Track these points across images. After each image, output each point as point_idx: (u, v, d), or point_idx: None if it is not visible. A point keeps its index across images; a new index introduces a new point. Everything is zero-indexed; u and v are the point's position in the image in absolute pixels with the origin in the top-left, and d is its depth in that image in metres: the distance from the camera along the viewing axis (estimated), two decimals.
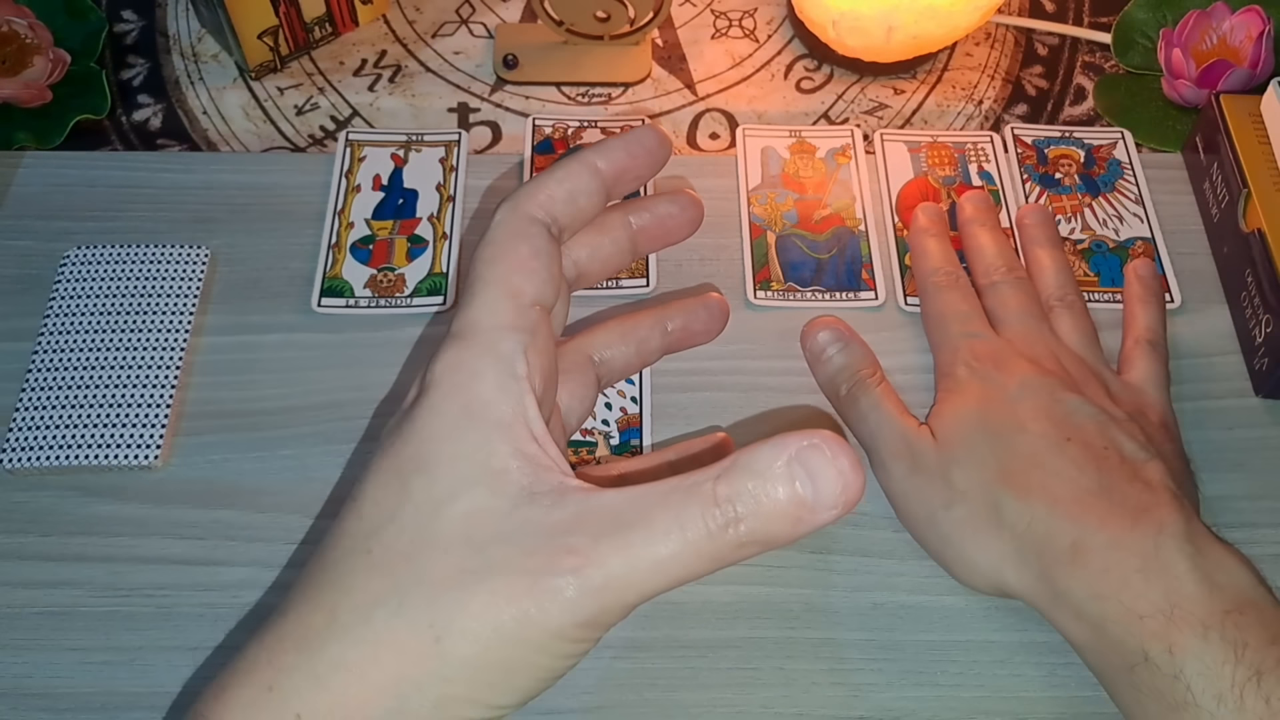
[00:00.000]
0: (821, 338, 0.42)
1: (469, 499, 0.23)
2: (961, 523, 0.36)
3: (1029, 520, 0.35)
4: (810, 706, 0.36)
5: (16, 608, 0.38)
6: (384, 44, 0.56)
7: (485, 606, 0.22)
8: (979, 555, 0.36)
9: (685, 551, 0.22)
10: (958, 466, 0.37)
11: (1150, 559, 0.33)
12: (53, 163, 0.49)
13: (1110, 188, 0.49)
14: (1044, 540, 0.34)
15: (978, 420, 0.38)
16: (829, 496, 0.22)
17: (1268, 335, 0.42)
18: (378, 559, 0.23)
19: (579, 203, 0.27)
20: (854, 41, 0.52)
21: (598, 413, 0.42)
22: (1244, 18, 0.50)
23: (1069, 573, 0.34)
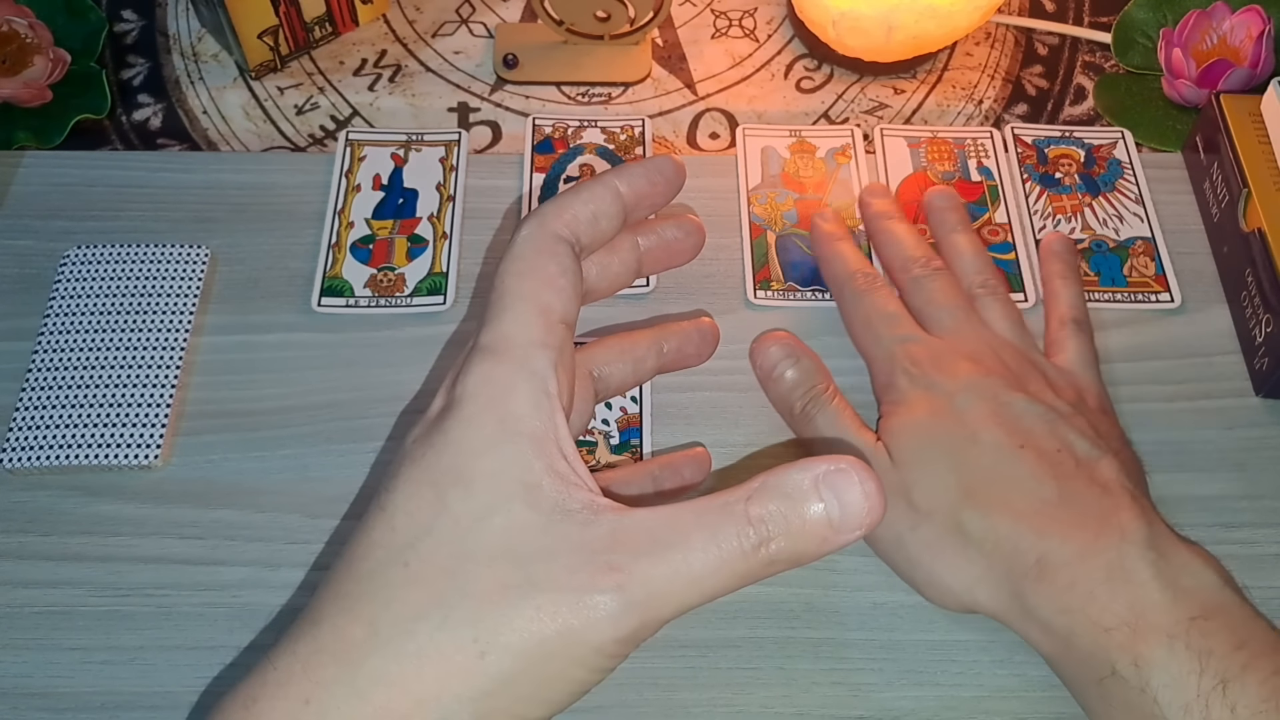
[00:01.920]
0: (772, 353, 0.41)
1: (507, 513, 0.24)
2: (928, 544, 0.35)
3: (995, 538, 0.34)
4: (810, 706, 0.36)
5: (16, 607, 0.38)
6: (384, 44, 0.56)
7: (530, 621, 0.23)
8: (949, 577, 0.35)
9: (720, 569, 0.23)
10: (917, 487, 0.36)
11: (1114, 569, 0.32)
12: (53, 162, 0.49)
13: (1110, 187, 0.49)
14: (1010, 557, 0.34)
15: (929, 435, 0.37)
16: (855, 518, 0.24)
17: (1268, 335, 0.42)
18: (416, 571, 0.24)
19: (601, 224, 0.28)
20: (854, 41, 0.52)
21: (598, 412, 0.41)
22: (1244, 17, 0.50)
23: (1036, 589, 0.33)
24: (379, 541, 0.24)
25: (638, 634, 0.24)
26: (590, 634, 0.23)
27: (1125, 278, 0.46)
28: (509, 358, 0.25)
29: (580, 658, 0.23)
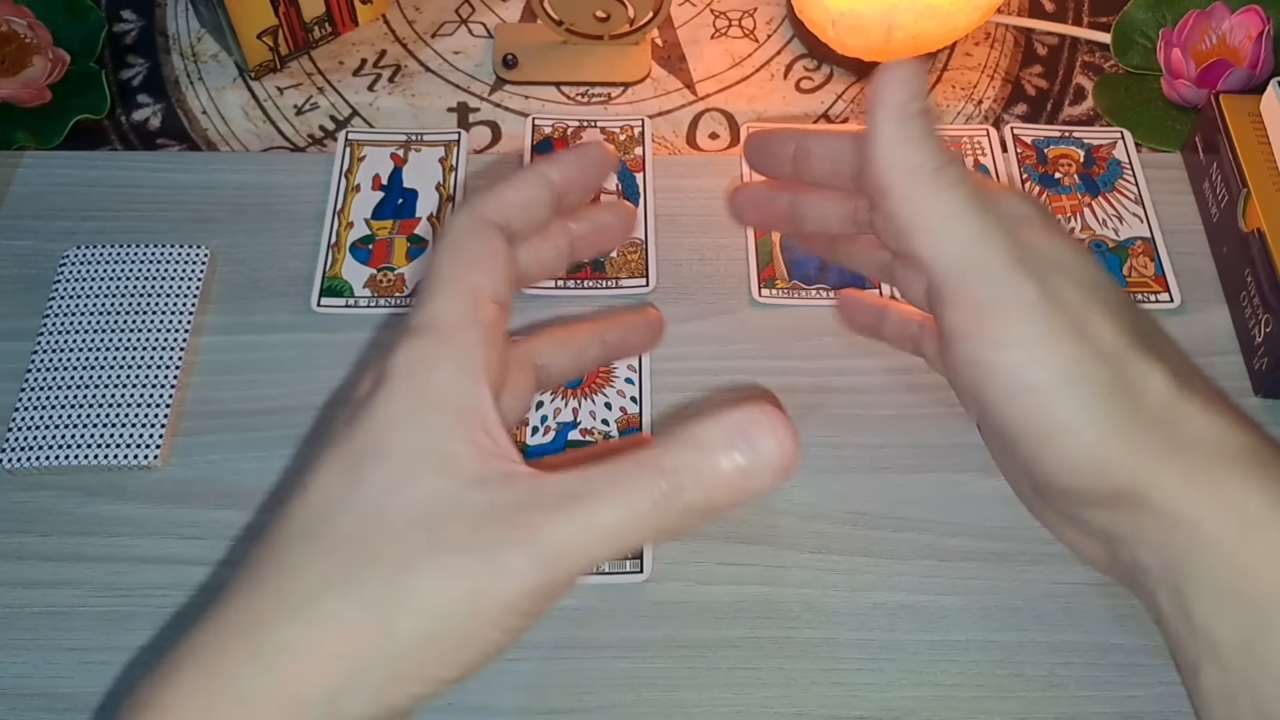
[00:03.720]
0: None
1: (420, 482, 0.24)
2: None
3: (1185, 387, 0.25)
4: (809, 706, 0.36)
5: (16, 607, 0.38)
6: (384, 44, 0.56)
7: (437, 583, 0.23)
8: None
9: (632, 520, 0.23)
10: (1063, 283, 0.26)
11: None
12: (52, 162, 0.49)
13: (1110, 187, 0.49)
14: (1197, 410, 0.25)
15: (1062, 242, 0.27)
16: (768, 467, 0.23)
17: (1267, 335, 0.42)
18: (326, 544, 0.24)
19: (532, 210, 0.28)
20: (853, 41, 0.52)
21: (597, 413, 0.42)
22: (1243, 17, 0.50)
23: (1240, 472, 0.25)
24: (294, 518, 0.25)
25: (549, 590, 0.23)
26: (499, 593, 0.23)
27: (1125, 278, 0.46)
28: (435, 336, 0.25)
29: (492, 617, 0.23)
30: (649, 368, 0.43)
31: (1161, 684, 0.36)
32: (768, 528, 0.39)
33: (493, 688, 0.36)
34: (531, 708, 0.36)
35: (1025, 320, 0.25)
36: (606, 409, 0.42)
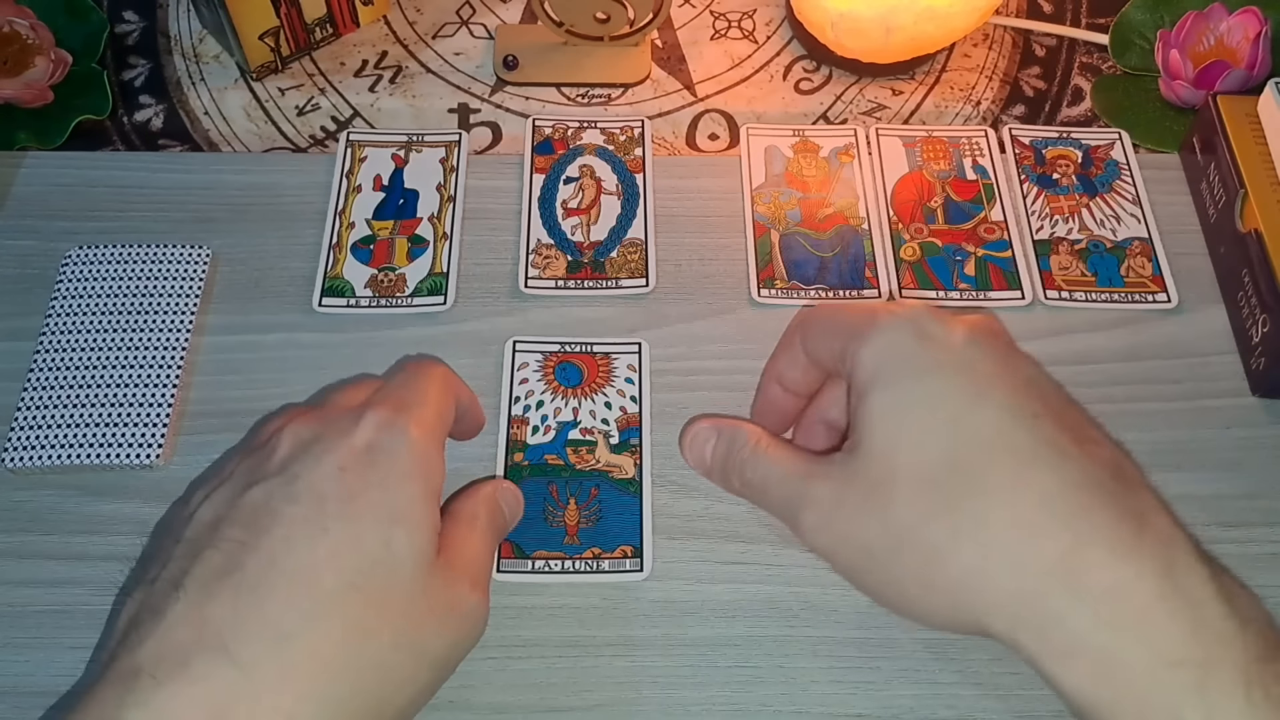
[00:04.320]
0: (693, 456, 0.37)
1: (416, 552, 0.31)
2: (913, 545, 0.29)
3: (1006, 522, 0.28)
4: (808, 704, 0.36)
5: (18, 606, 0.38)
6: (385, 45, 0.56)
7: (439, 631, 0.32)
8: (945, 580, 0.28)
9: (493, 538, 0.36)
10: (899, 475, 0.29)
11: (1167, 584, 0.26)
12: (54, 163, 0.50)
13: (1108, 188, 0.49)
14: (1028, 548, 0.27)
15: (920, 400, 0.30)
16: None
17: (1264, 335, 0.42)
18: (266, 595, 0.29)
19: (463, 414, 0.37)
20: (852, 42, 0.52)
21: (597, 412, 0.42)
22: (1241, 18, 0.50)
23: (1062, 592, 0.27)
24: (233, 567, 0.29)
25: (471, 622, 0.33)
26: (463, 626, 0.32)
27: (1122, 278, 0.46)
28: (432, 433, 0.34)
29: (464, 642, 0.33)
30: (648, 367, 0.43)
31: None
32: (767, 526, 0.40)
33: (493, 686, 0.36)
34: (531, 706, 0.36)
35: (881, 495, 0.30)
36: (606, 408, 0.42)
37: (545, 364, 0.43)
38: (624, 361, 0.43)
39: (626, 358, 0.43)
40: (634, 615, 0.38)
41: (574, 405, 0.42)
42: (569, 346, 0.43)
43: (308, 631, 0.28)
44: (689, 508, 0.40)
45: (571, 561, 0.38)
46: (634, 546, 0.39)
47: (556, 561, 0.38)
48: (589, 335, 0.44)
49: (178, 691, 0.26)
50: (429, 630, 0.30)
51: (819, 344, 0.34)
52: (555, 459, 0.41)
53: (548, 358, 0.43)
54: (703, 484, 0.40)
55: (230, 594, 0.28)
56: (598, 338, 0.44)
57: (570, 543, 0.39)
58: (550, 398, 0.42)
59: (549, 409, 0.42)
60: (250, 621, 0.27)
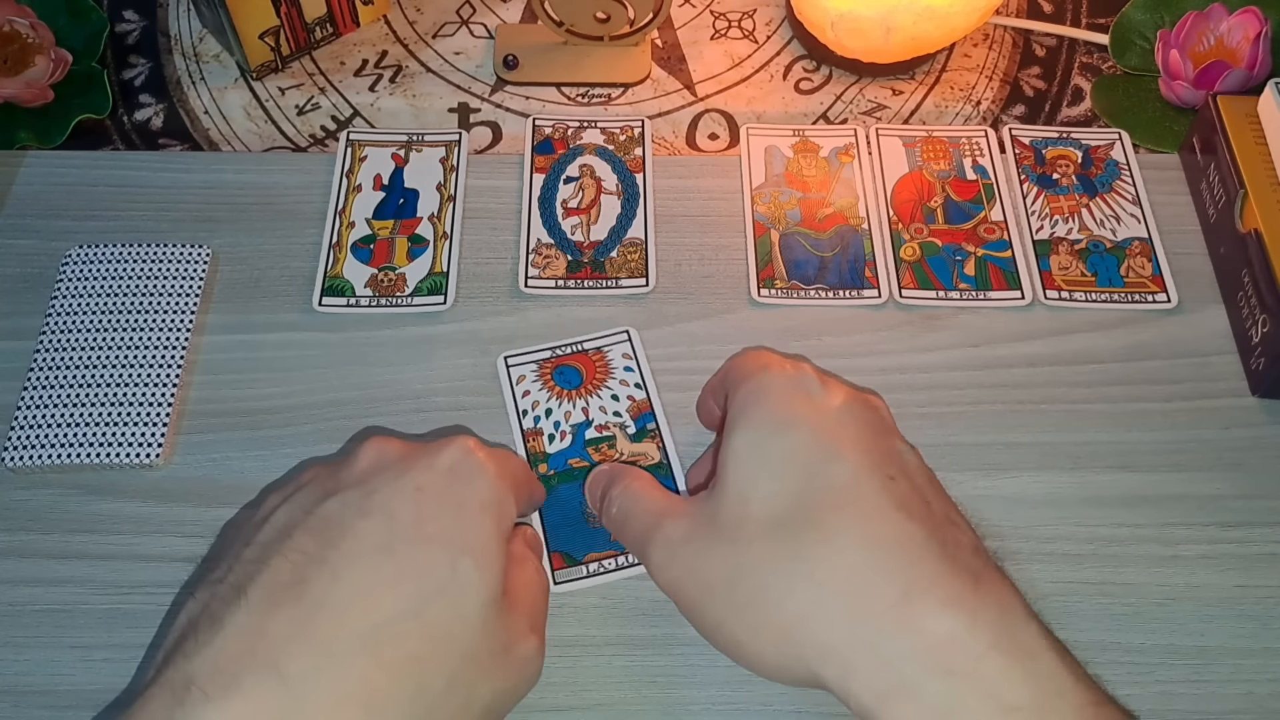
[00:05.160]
0: (590, 495, 0.38)
1: (455, 585, 0.30)
2: (754, 579, 0.29)
3: (848, 566, 0.28)
4: (808, 704, 0.36)
5: (18, 605, 0.38)
6: (385, 44, 0.56)
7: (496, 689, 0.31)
8: (780, 618, 0.29)
9: (544, 591, 0.35)
10: (750, 511, 0.30)
11: (1004, 633, 0.27)
12: (54, 162, 0.50)
13: (1107, 188, 0.49)
14: (867, 588, 0.28)
15: (782, 444, 0.31)
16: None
17: (1264, 335, 0.42)
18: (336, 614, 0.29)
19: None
20: (852, 42, 0.52)
21: (607, 407, 0.42)
22: (1241, 19, 0.50)
23: (900, 634, 0.27)
24: (303, 584, 0.29)
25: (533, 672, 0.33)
26: (522, 677, 0.32)
27: (1122, 278, 0.46)
28: (506, 475, 0.33)
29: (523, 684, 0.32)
30: (643, 352, 0.43)
31: (1159, 683, 0.36)
32: None
33: None
34: (531, 705, 0.36)
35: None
36: (615, 401, 0.42)
37: (542, 372, 0.42)
38: (618, 352, 0.43)
39: (619, 348, 0.43)
40: (634, 614, 0.38)
41: (582, 405, 0.42)
42: (559, 350, 0.43)
43: (360, 655, 0.27)
44: None
45: (625, 557, 0.38)
46: None
47: (609, 560, 0.38)
48: (582, 334, 0.44)
49: (226, 708, 0.25)
50: (483, 672, 0.29)
51: (718, 385, 0.37)
52: (579, 462, 0.40)
53: (542, 365, 0.43)
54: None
55: (291, 607, 0.27)
56: (584, 335, 0.44)
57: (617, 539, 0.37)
58: (557, 403, 0.42)
59: (559, 414, 0.42)
60: (305, 638, 0.27)
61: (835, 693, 0.28)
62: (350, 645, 0.27)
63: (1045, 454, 0.41)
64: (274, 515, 0.30)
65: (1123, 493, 0.40)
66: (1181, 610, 0.38)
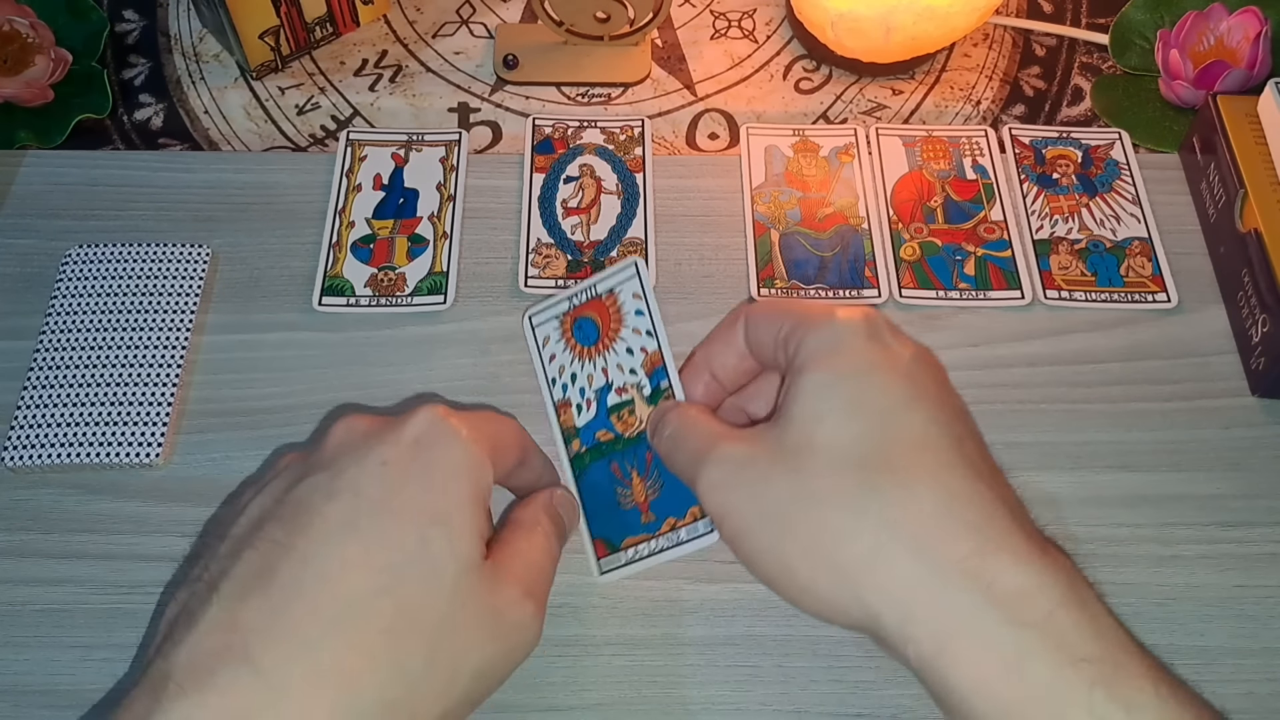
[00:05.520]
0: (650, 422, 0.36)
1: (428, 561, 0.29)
2: (822, 520, 0.28)
3: (922, 512, 0.28)
4: (808, 704, 0.36)
5: (18, 605, 0.38)
6: (385, 44, 0.56)
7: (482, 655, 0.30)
8: (844, 557, 0.28)
9: (554, 557, 0.34)
10: (823, 452, 0.29)
11: (1069, 597, 0.27)
12: (54, 162, 0.50)
13: (1107, 188, 0.49)
14: (939, 537, 0.27)
15: (860, 388, 0.30)
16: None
17: (1264, 335, 0.42)
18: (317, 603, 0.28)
19: (524, 470, 0.36)
20: (852, 42, 0.52)
21: (624, 364, 0.38)
22: (1241, 19, 0.50)
23: (969, 584, 0.26)
24: (277, 571, 0.28)
25: (536, 629, 0.32)
26: (517, 642, 0.31)
27: (1122, 278, 0.46)
28: (480, 444, 0.32)
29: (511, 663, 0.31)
30: (651, 291, 0.38)
31: None
32: None
33: None
34: (531, 704, 0.36)
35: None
36: (629, 354, 0.38)
37: (564, 328, 0.39)
38: (628, 291, 0.38)
39: (629, 286, 0.39)
40: (634, 614, 0.38)
41: (601, 365, 0.38)
42: (576, 299, 0.39)
43: (333, 638, 0.27)
44: None
45: (655, 541, 0.35)
46: (699, 506, 0.35)
47: (644, 545, 0.36)
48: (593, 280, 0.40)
49: (201, 703, 0.25)
50: (469, 641, 0.29)
51: (763, 329, 0.33)
52: (606, 434, 0.37)
53: (564, 320, 0.39)
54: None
55: (260, 598, 0.27)
56: (596, 279, 0.39)
57: (648, 521, 0.36)
58: (580, 366, 0.38)
59: (582, 379, 0.38)
60: (277, 628, 0.27)
61: (888, 637, 0.27)
62: (323, 630, 0.27)
63: (1045, 454, 0.41)
64: (248, 507, 0.30)
65: (1123, 493, 0.40)
66: (1181, 610, 0.38)
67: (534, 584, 0.32)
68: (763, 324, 0.34)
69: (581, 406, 0.38)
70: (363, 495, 0.29)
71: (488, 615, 0.29)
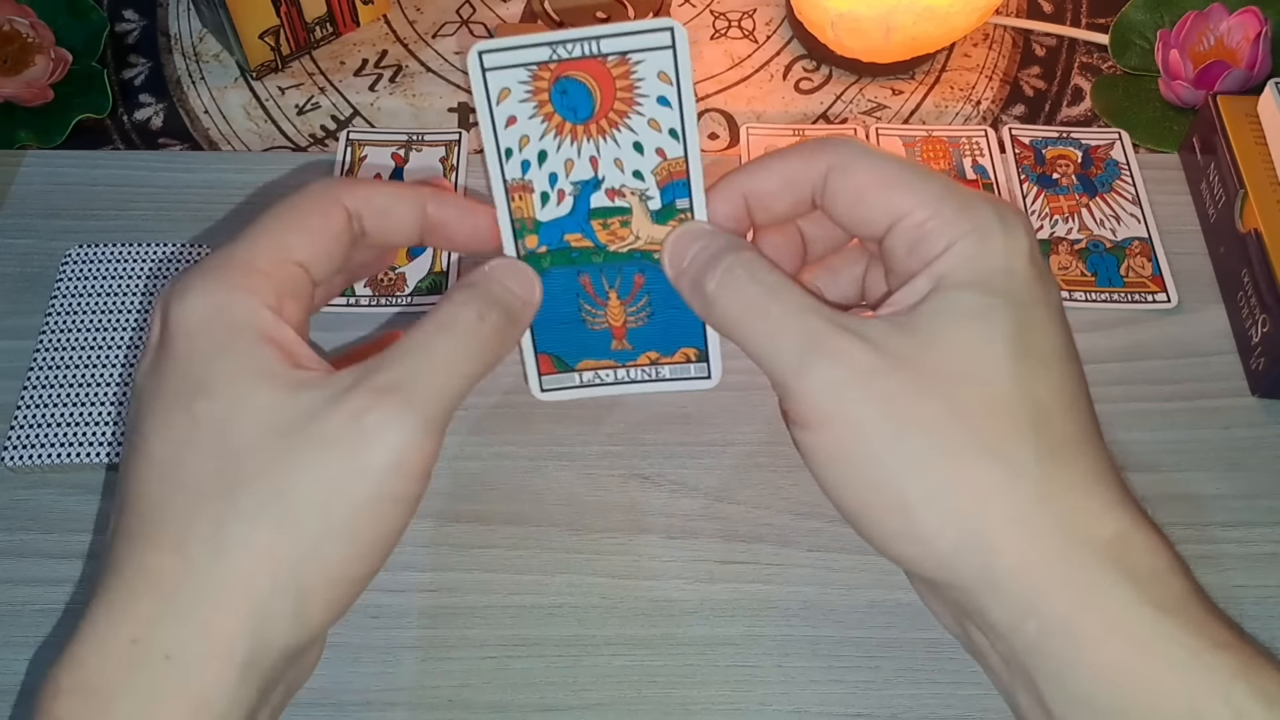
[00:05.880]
0: (673, 251, 0.29)
1: (252, 401, 0.24)
2: (933, 448, 0.25)
3: (1073, 485, 0.25)
4: (808, 704, 0.36)
5: (17, 605, 0.38)
6: (385, 44, 0.56)
7: (316, 478, 0.24)
8: (979, 513, 0.24)
9: (466, 344, 0.26)
10: (961, 380, 0.25)
11: (1197, 588, 0.25)
12: (54, 162, 0.50)
13: (1107, 188, 0.49)
14: (1083, 511, 0.25)
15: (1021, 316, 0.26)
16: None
17: (1264, 335, 0.42)
18: (194, 487, 0.24)
19: (390, 220, 0.28)
20: (852, 42, 0.52)
21: (625, 161, 0.29)
22: (1241, 19, 0.50)
23: (1109, 562, 0.24)
24: (146, 475, 0.25)
25: (422, 443, 0.25)
26: (374, 457, 0.24)
27: (1122, 278, 0.46)
28: (228, 279, 0.26)
29: (383, 491, 0.24)
30: (688, 77, 0.28)
31: None
32: (766, 526, 0.40)
33: (492, 685, 0.36)
34: (530, 705, 0.36)
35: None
36: (637, 152, 0.29)
37: (535, 85, 0.28)
38: (652, 68, 0.28)
39: (655, 60, 0.28)
40: (633, 614, 0.38)
41: (590, 153, 0.29)
42: (566, 48, 0.27)
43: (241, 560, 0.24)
44: (689, 507, 0.40)
45: (625, 370, 0.31)
46: (698, 349, 0.30)
47: (607, 371, 0.31)
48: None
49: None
50: (302, 473, 0.24)
51: (874, 196, 0.27)
52: (580, 239, 0.29)
53: (537, 74, 0.28)
54: (703, 483, 0.40)
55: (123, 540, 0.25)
56: (601, 30, 0.28)
57: (619, 348, 0.30)
58: (554, 143, 0.29)
59: (556, 162, 0.29)
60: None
61: (994, 608, 0.25)
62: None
63: None
64: None
65: None
66: None
67: (414, 393, 0.25)
68: (874, 189, 0.27)
69: (549, 195, 0.29)
70: (135, 432, 0.26)
71: (303, 439, 0.24)
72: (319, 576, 0.24)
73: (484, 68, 0.27)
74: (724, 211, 0.29)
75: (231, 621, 0.24)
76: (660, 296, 0.30)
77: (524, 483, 0.41)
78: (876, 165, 0.27)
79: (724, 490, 0.41)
